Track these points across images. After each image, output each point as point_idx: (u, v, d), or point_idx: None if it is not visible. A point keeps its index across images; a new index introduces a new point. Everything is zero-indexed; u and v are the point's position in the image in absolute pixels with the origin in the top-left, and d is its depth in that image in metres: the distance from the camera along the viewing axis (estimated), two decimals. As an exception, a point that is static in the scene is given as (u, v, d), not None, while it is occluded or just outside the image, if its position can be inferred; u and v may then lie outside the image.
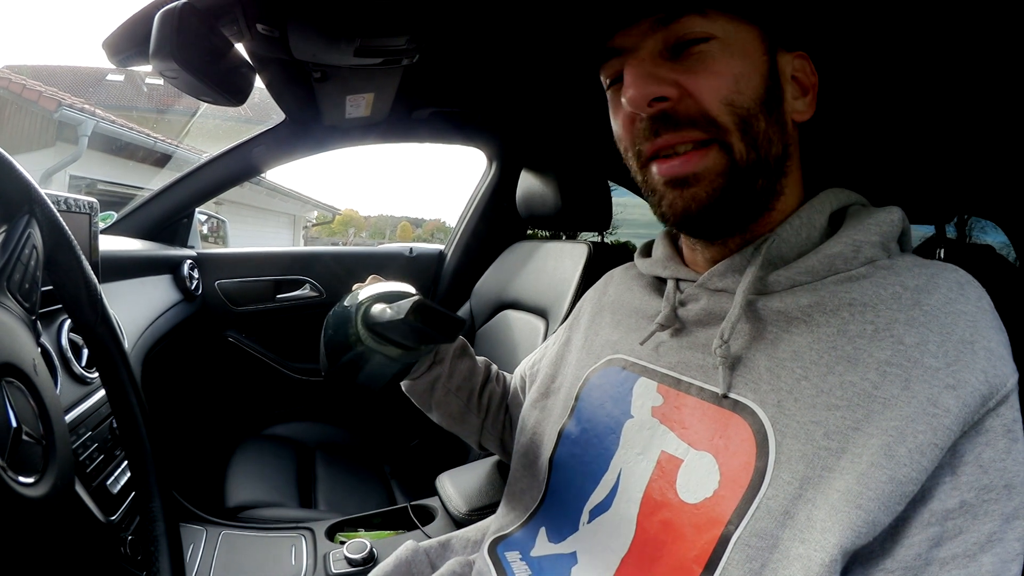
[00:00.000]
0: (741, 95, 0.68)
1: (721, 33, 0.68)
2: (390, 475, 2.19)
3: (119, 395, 0.76)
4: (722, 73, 0.68)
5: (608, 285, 1.00)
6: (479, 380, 1.13)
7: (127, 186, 7.47)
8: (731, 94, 0.68)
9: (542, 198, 1.86)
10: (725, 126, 0.68)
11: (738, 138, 0.68)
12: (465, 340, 1.14)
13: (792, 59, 0.74)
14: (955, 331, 0.59)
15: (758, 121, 0.69)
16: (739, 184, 0.70)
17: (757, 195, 0.72)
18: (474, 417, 1.12)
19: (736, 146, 0.69)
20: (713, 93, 0.68)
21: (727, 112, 0.68)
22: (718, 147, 0.69)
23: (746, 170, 0.69)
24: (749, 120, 0.69)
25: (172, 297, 1.99)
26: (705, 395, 0.71)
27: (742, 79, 0.69)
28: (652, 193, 0.76)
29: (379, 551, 1.31)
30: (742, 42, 0.70)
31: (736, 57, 0.69)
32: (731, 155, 0.69)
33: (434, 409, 1.12)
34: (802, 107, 0.75)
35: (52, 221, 0.68)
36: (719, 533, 0.62)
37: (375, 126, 2.14)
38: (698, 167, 0.69)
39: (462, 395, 1.10)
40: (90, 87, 10.45)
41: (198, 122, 3.56)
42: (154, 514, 0.74)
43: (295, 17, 1.13)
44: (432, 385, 1.08)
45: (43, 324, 1.14)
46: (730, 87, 0.68)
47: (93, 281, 0.73)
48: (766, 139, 0.70)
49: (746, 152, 0.69)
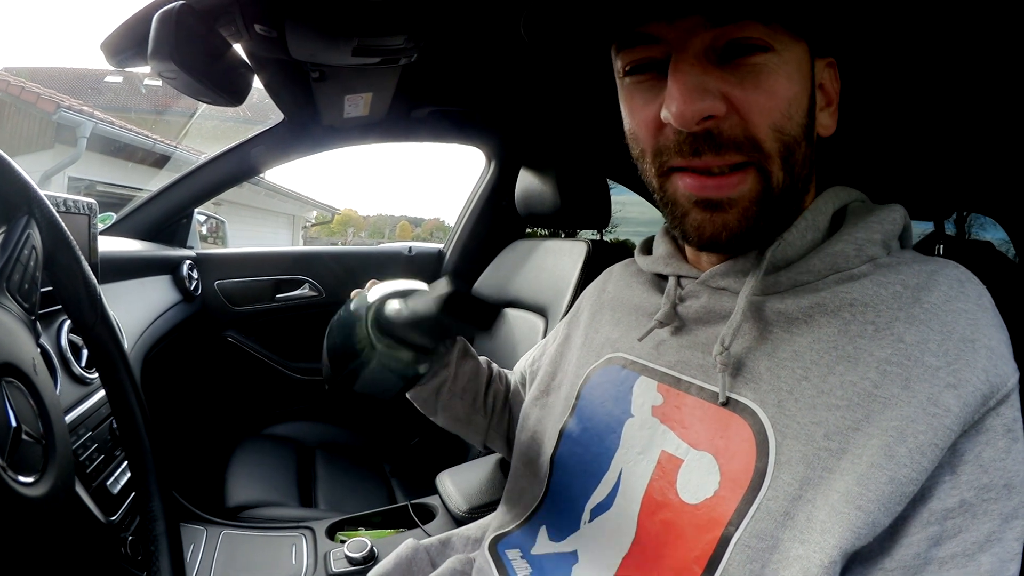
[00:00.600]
0: (791, 121, 0.65)
1: (780, 47, 0.63)
2: (390, 474, 2.19)
3: (119, 395, 0.76)
4: (777, 94, 0.63)
5: (608, 282, 1.00)
6: (483, 380, 1.12)
7: (126, 187, 7.45)
8: (782, 120, 0.64)
9: (541, 196, 1.85)
10: (769, 152, 0.64)
11: (778, 166, 0.65)
12: (466, 341, 1.13)
13: (824, 65, 0.71)
14: (956, 329, 0.58)
15: (800, 148, 0.66)
16: (770, 210, 0.67)
17: (783, 213, 0.70)
18: (480, 418, 1.11)
19: (775, 174, 0.65)
20: (764, 116, 0.63)
21: (774, 139, 0.64)
22: (755, 171, 0.65)
23: (779, 197, 0.67)
24: (792, 148, 0.65)
25: (171, 297, 1.99)
26: (705, 395, 0.70)
27: (794, 103, 0.65)
28: (673, 205, 0.71)
29: (379, 550, 1.31)
30: (796, 59, 0.65)
31: (792, 77, 0.64)
32: (768, 181, 0.65)
33: (440, 413, 1.10)
34: (827, 120, 0.72)
35: (51, 222, 0.68)
36: (719, 534, 0.61)
37: (373, 126, 2.14)
38: (733, 193, 0.65)
39: (467, 397, 1.09)
40: (89, 89, 10.44)
41: (196, 123, 3.56)
42: (154, 514, 0.74)
43: (293, 17, 1.13)
44: (438, 389, 1.06)
45: (43, 325, 1.14)
46: (782, 111, 0.64)
47: (92, 282, 0.73)
48: (800, 164, 0.67)
49: (783, 179, 0.66)
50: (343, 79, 1.53)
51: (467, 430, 1.12)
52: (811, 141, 0.69)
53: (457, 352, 1.07)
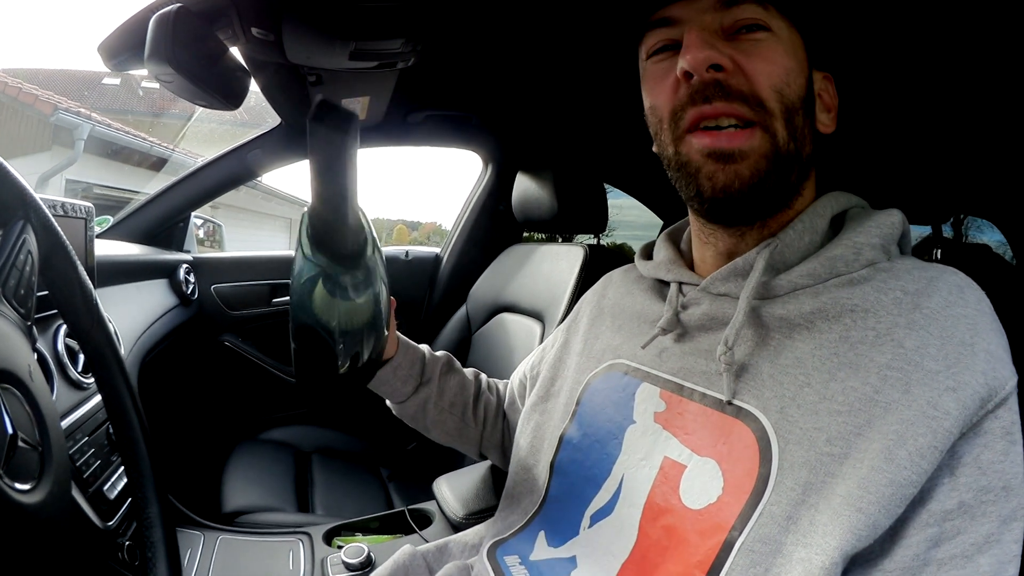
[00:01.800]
0: (789, 87, 0.71)
1: (776, 28, 0.71)
2: (387, 479, 2.19)
3: (115, 400, 0.75)
4: (775, 62, 0.70)
5: (607, 288, 1.00)
6: (471, 393, 1.13)
7: (123, 190, 7.45)
8: (781, 84, 0.70)
9: (538, 201, 1.86)
10: (772, 110, 0.70)
11: (782, 125, 0.70)
12: (450, 355, 1.14)
13: (821, 78, 0.78)
14: (955, 334, 0.59)
15: (799, 115, 0.72)
16: (779, 170, 0.71)
17: (790, 187, 0.74)
18: (472, 430, 1.12)
19: (780, 132, 0.70)
20: (765, 77, 0.69)
21: (776, 98, 0.70)
22: (762, 130, 0.70)
23: (786, 158, 0.71)
24: (793, 112, 0.71)
25: (168, 301, 1.99)
26: (708, 401, 0.71)
27: (791, 73, 0.71)
28: (687, 167, 0.74)
29: (377, 556, 1.31)
30: (792, 43, 0.73)
31: (788, 54, 0.72)
32: (775, 140, 0.70)
33: (431, 429, 1.11)
34: (827, 120, 0.78)
35: (47, 226, 0.68)
36: (723, 539, 0.62)
37: (370, 130, 2.14)
38: (744, 144, 0.69)
39: (456, 411, 1.10)
40: (86, 91, 10.43)
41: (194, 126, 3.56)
42: (151, 520, 0.74)
43: (289, 20, 1.13)
44: (423, 406, 1.07)
45: (39, 329, 1.14)
46: (781, 76, 0.70)
47: (88, 286, 0.73)
48: (803, 135, 0.73)
49: (787, 140, 0.71)
50: (340, 83, 1.53)
51: (460, 443, 1.14)
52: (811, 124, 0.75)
53: (440, 367, 1.08)
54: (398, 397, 1.06)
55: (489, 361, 2.02)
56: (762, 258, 0.71)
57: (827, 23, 0.76)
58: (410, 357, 1.05)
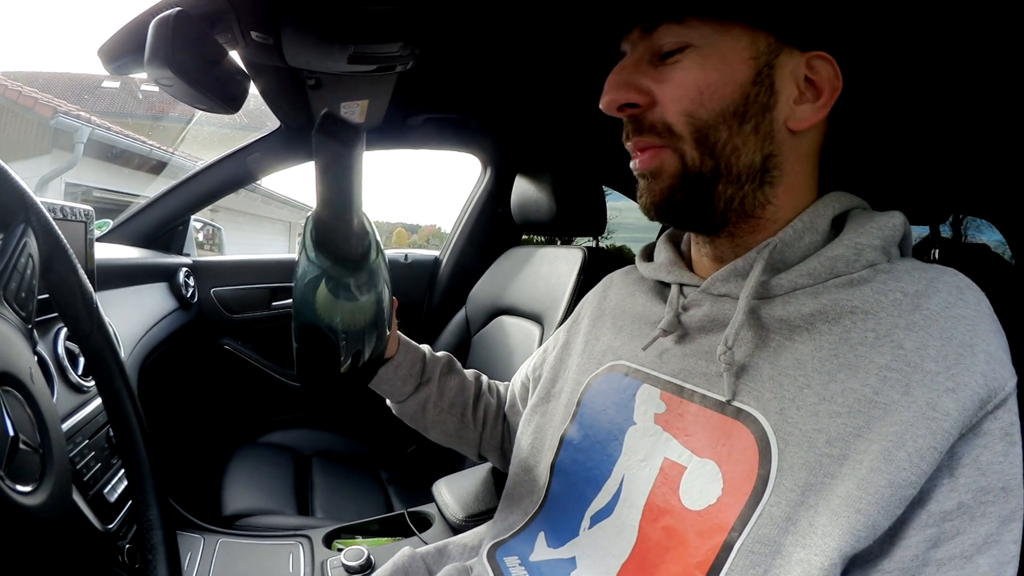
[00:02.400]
0: (703, 107, 0.70)
1: (699, 41, 0.70)
2: (387, 482, 2.19)
3: (115, 403, 0.75)
4: (686, 85, 0.70)
5: (608, 289, 1.00)
6: (471, 394, 1.13)
7: (123, 193, 7.45)
8: (692, 106, 0.70)
9: (537, 203, 1.86)
10: (680, 135, 0.72)
11: (692, 147, 0.71)
12: (451, 356, 1.14)
13: (804, 59, 0.72)
14: (955, 335, 0.59)
15: (718, 132, 0.71)
16: (692, 188, 0.73)
17: (721, 203, 0.74)
18: (471, 432, 1.13)
19: (689, 154, 0.72)
20: (675, 104, 0.71)
21: (685, 123, 0.71)
22: (670, 151, 0.73)
23: (700, 176, 0.72)
24: (706, 131, 0.71)
25: (168, 305, 1.99)
26: (708, 403, 0.71)
27: (707, 90, 0.70)
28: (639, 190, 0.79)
29: (376, 558, 1.31)
30: (722, 50, 0.70)
31: (708, 67, 0.70)
32: (683, 160, 0.72)
33: (430, 429, 1.12)
34: (804, 113, 0.72)
35: (48, 229, 0.68)
36: (722, 540, 0.62)
37: (369, 133, 2.13)
38: (653, 165, 0.74)
39: (455, 412, 1.10)
40: (86, 94, 10.42)
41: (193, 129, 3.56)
42: (151, 522, 0.74)
43: (289, 24, 1.13)
44: (423, 406, 1.08)
45: (40, 332, 1.14)
46: (692, 99, 0.70)
47: (89, 289, 0.73)
48: (730, 149, 0.71)
49: (700, 160, 0.72)
50: (339, 86, 1.53)
51: (459, 443, 1.14)
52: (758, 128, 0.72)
53: (440, 368, 1.09)
54: (398, 396, 1.06)
55: (488, 363, 2.02)
56: (761, 258, 0.71)
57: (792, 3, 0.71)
58: (411, 357, 1.05)
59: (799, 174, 0.75)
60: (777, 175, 0.74)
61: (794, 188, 0.75)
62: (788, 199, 0.75)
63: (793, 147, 0.74)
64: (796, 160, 0.74)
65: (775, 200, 0.74)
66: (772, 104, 0.71)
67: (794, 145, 0.74)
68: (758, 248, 0.73)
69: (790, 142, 0.73)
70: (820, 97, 0.72)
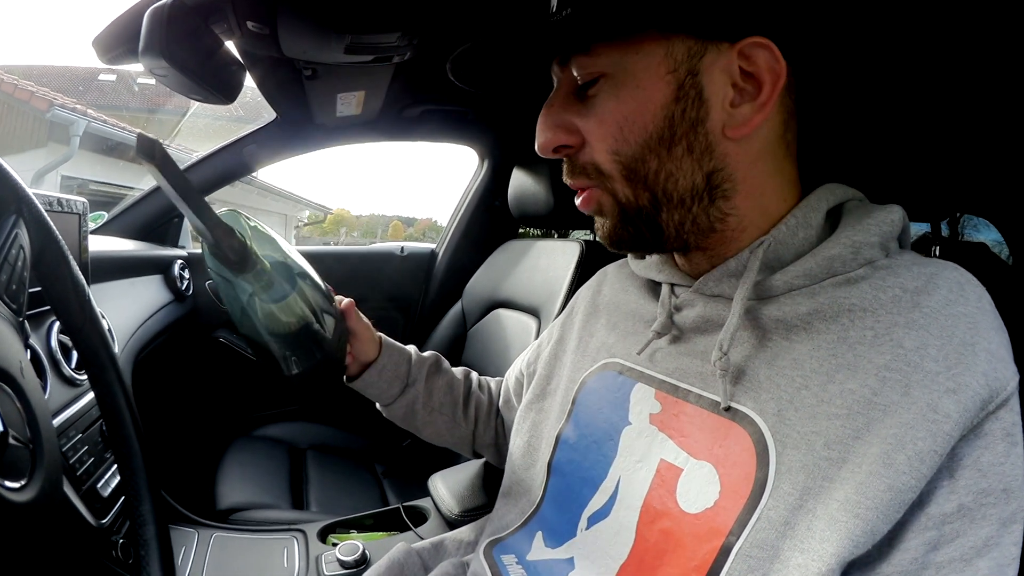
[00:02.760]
0: (625, 143, 0.68)
1: (609, 68, 0.67)
2: (382, 475, 2.19)
3: (108, 397, 0.75)
4: (606, 121, 0.68)
5: (603, 284, 0.99)
6: (460, 392, 1.14)
7: (118, 186, 7.45)
8: (615, 143, 0.68)
9: (534, 196, 1.85)
10: (610, 175, 0.71)
11: (623, 184, 0.71)
12: (439, 355, 1.15)
13: (735, 52, 0.65)
14: (956, 333, 0.58)
15: (645, 164, 0.68)
16: (635, 222, 0.73)
17: (671, 229, 0.72)
18: (463, 430, 1.13)
19: (621, 191, 0.71)
20: (601, 143, 0.70)
21: (612, 162, 0.70)
22: (603, 191, 0.73)
23: (639, 210, 0.71)
24: (634, 166, 0.69)
25: (163, 297, 1.98)
26: (704, 403, 0.70)
27: (626, 124, 0.67)
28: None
29: (372, 553, 1.30)
30: (635, 73, 0.66)
31: (623, 97, 0.67)
32: (616, 198, 0.72)
33: (421, 430, 1.13)
34: (744, 116, 0.67)
35: (40, 221, 0.67)
36: (720, 543, 0.61)
37: (366, 124, 2.13)
38: (592, 208, 0.76)
39: (446, 411, 1.11)
40: (81, 87, 10.40)
41: (189, 122, 3.53)
42: (144, 517, 0.74)
43: (285, 14, 1.13)
44: (411, 408, 1.08)
45: (33, 326, 1.13)
46: (615, 135, 0.68)
47: (81, 282, 0.73)
48: (664, 176, 0.68)
49: (633, 195, 0.71)
50: (336, 77, 1.53)
51: (453, 442, 1.15)
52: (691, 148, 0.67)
53: (428, 368, 1.10)
54: (385, 399, 1.07)
55: (485, 357, 2.02)
56: (756, 258, 0.68)
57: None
58: (395, 359, 1.06)
59: (757, 177, 0.70)
60: (729, 187, 0.69)
61: (755, 192, 0.71)
62: (752, 205, 0.71)
63: (741, 154, 0.69)
64: (749, 165, 0.69)
65: (735, 211, 0.71)
66: (703, 117, 0.66)
67: (742, 151, 0.69)
68: (751, 247, 0.70)
69: (735, 150, 0.68)
70: (761, 90, 0.66)
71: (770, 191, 0.72)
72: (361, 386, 1.05)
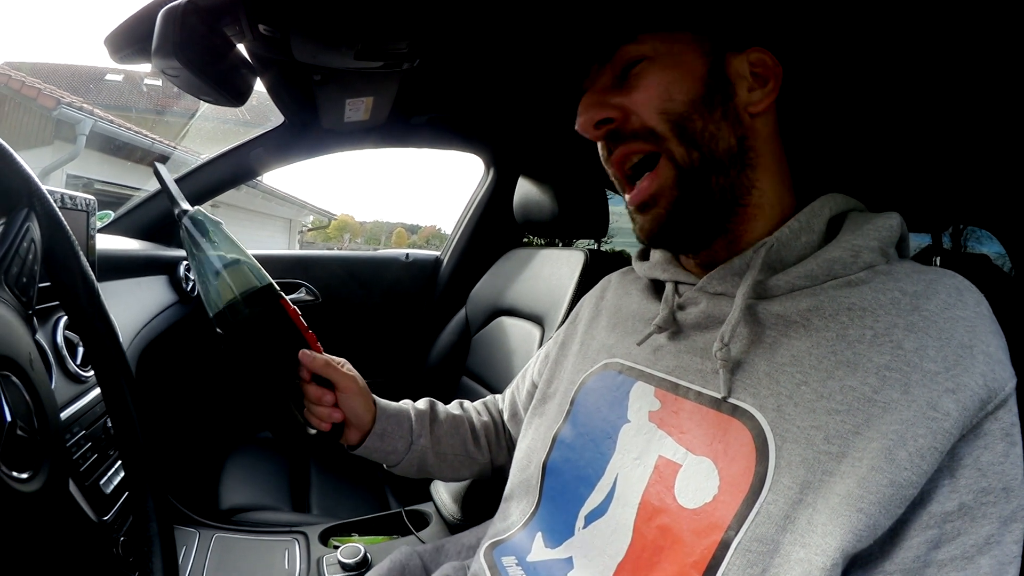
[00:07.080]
0: (673, 101, 0.74)
1: (652, 52, 0.76)
2: (384, 480, 2.18)
3: (114, 393, 0.75)
4: (653, 86, 0.75)
5: (606, 290, 1.00)
6: (466, 428, 1.14)
7: (124, 186, 7.46)
8: (663, 103, 0.74)
9: (539, 205, 1.86)
10: (663, 134, 0.74)
11: (676, 143, 0.74)
12: (432, 400, 1.15)
13: (746, 57, 0.77)
14: (954, 336, 0.59)
15: (693, 121, 0.74)
16: (693, 188, 0.75)
17: (718, 193, 0.75)
18: (480, 461, 1.14)
19: (676, 151, 0.74)
20: (648, 106, 0.75)
21: (662, 120, 0.74)
22: (664, 159, 0.75)
23: (696, 171, 0.75)
24: (683, 123, 0.74)
25: (167, 298, 1.98)
26: (703, 400, 0.71)
27: (673, 85, 0.75)
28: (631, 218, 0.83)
29: (373, 556, 1.31)
30: (675, 54, 0.76)
31: (668, 68, 0.75)
32: (676, 162, 0.75)
33: (438, 475, 1.13)
34: (758, 97, 0.77)
35: (51, 216, 0.68)
36: (719, 538, 0.62)
37: (373, 130, 2.13)
38: (652, 189, 0.77)
39: (458, 451, 1.11)
40: (89, 86, 10.44)
41: (196, 124, 3.54)
42: (148, 515, 0.74)
43: (297, 18, 1.13)
44: (422, 459, 1.08)
45: (39, 321, 1.13)
46: (662, 96, 0.75)
47: (91, 277, 0.73)
48: (708, 135, 0.74)
49: (687, 154, 0.74)
50: (345, 83, 1.53)
51: (472, 475, 1.16)
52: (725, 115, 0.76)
53: (428, 419, 1.09)
54: (392, 461, 1.07)
55: (488, 364, 2.02)
56: (759, 257, 0.72)
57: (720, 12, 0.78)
58: (393, 421, 1.06)
59: (770, 154, 0.79)
60: (753, 156, 0.77)
61: (770, 169, 0.79)
62: (768, 181, 0.78)
63: (758, 129, 0.78)
64: (764, 141, 0.78)
65: (759, 183, 0.77)
66: (731, 92, 0.76)
67: (758, 127, 0.78)
68: (754, 248, 0.74)
69: (755, 124, 0.78)
70: (768, 83, 0.78)
71: (778, 172, 0.80)
72: (365, 453, 1.05)
